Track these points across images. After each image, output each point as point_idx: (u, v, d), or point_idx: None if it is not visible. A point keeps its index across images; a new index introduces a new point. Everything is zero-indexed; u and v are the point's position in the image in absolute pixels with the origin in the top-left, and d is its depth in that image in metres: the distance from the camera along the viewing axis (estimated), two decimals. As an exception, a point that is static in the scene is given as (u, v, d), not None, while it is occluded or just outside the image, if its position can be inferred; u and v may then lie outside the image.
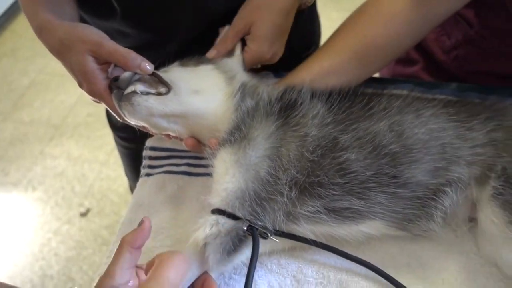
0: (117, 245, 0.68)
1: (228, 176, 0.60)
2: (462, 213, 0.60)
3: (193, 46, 0.77)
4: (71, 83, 0.72)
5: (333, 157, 0.59)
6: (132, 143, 1.04)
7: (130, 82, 0.66)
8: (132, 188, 1.23)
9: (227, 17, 0.78)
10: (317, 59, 0.73)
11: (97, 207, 2.01)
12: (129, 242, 0.55)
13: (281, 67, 0.80)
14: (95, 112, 2.40)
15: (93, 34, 0.66)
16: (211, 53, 0.74)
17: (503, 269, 0.55)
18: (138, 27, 0.82)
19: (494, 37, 0.83)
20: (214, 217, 0.58)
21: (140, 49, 0.69)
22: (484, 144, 0.58)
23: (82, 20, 0.81)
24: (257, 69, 0.83)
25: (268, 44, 0.74)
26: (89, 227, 1.94)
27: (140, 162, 0.83)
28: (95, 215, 1.98)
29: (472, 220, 0.60)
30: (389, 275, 0.57)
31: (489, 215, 0.55)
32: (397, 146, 0.58)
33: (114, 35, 0.82)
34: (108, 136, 2.13)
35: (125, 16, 0.78)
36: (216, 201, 0.59)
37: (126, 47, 0.67)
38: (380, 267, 0.58)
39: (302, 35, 0.96)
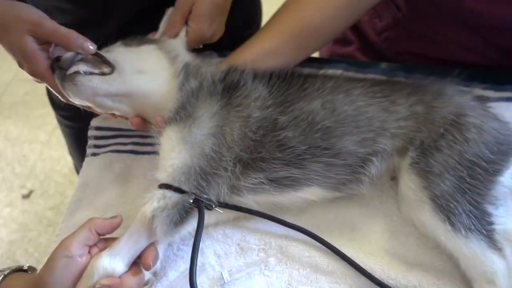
0: (66, 224, 0.70)
1: (174, 153, 0.63)
2: (386, 176, 0.67)
3: (132, 27, 0.78)
4: (6, 60, 0.71)
5: (273, 135, 0.64)
6: (75, 122, 1.03)
7: (72, 62, 0.67)
8: (77, 167, 1.22)
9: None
10: (258, 40, 0.76)
11: (41, 189, 1.96)
12: (95, 224, 0.58)
13: (223, 46, 0.83)
14: (33, 90, 2.30)
15: (32, 13, 0.66)
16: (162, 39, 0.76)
17: (419, 228, 0.63)
18: (75, 2, 0.81)
19: (419, 21, 0.90)
20: (161, 191, 0.61)
21: (80, 27, 0.69)
22: (407, 117, 0.65)
23: None
24: (201, 49, 0.85)
25: (208, 23, 0.76)
26: (33, 209, 1.89)
27: (85, 141, 0.84)
28: (39, 196, 1.94)
29: (393, 178, 0.67)
30: (321, 238, 0.63)
31: (407, 181, 0.62)
32: (329, 122, 0.64)
33: (52, 12, 0.81)
34: (48, 116, 2.06)
35: None
36: (163, 176, 0.63)
37: (65, 24, 0.67)
38: (316, 232, 0.64)
39: (243, 15, 0.99)
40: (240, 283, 0.62)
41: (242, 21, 1.00)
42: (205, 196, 0.62)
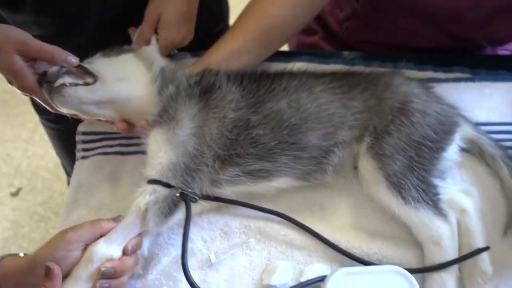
0: (63, 224, 0.77)
1: (161, 153, 0.70)
2: (347, 164, 0.76)
3: (106, 37, 0.83)
4: None
5: (246, 134, 0.71)
6: (60, 124, 1.08)
7: (58, 75, 0.73)
8: (64, 166, 1.28)
9: (132, 9, 0.85)
10: (227, 41, 0.83)
11: (29, 185, 2.00)
12: (100, 228, 0.65)
13: (195, 45, 0.89)
14: (11, 88, 2.30)
15: (18, 34, 0.72)
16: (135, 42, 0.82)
17: (378, 203, 0.72)
18: (53, 15, 0.86)
19: (375, 11, 0.98)
20: (151, 186, 0.68)
21: (56, 38, 0.75)
22: (362, 111, 0.73)
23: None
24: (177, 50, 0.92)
25: (176, 29, 0.82)
26: (23, 206, 1.94)
27: (70, 142, 0.89)
28: (28, 193, 1.98)
29: (356, 167, 0.76)
30: (293, 218, 0.71)
31: (365, 164, 0.71)
32: (295, 119, 0.72)
33: (30, 26, 0.86)
34: (29, 113, 2.08)
35: (35, 5, 0.82)
36: (153, 173, 0.70)
37: (42, 36, 0.73)
38: (289, 214, 0.73)
39: (210, 13, 1.04)
40: (226, 263, 0.71)
41: (210, 19, 1.06)
42: (190, 190, 0.70)
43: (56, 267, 0.61)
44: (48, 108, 0.78)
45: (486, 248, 0.65)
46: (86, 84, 0.73)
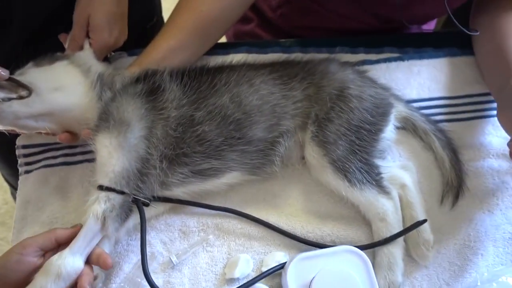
0: (14, 242, 0.75)
1: (113, 160, 0.68)
2: (295, 154, 0.78)
3: (34, 45, 0.79)
4: None
5: (192, 131, 0.72)
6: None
7: None
8: (4, 177, 1.22)
9: (60, 15, 0.81)
10: (164, 38, 0.81)
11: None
12: (58, 234, 0.65)
13: (130, 43, 0.87)
14: None
15: None
16: (68, 47, 0.78)
17: (327, 186, 0.76)
18: None
19: None
20: (104, 193, 0.67)
21: None
22: (302, 100, 0.76)
23: None
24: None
25: (107, 31, 0.80)
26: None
27: (9, 154, 0.85)
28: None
29: (303, 156, 0.79)
30: (244, 212, 0.74)
31: (311, 152, 0.74)
32: (239, 114, 0.73)
33: None
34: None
35: None
36: (105, 181, 0.67)
37: None
38: (244, 205, 0.76)
39: (143, 8, 1.02)
40: (188, 262, 0.72)
41: (143, 14, 1.03)
42: (142, 195, 0.70)
43: None
44: None
45: (424, 221, 0.71)
46: (20, 97, 0.70)
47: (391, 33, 1.02)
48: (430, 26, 1.10)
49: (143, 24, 1.03)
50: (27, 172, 0.83)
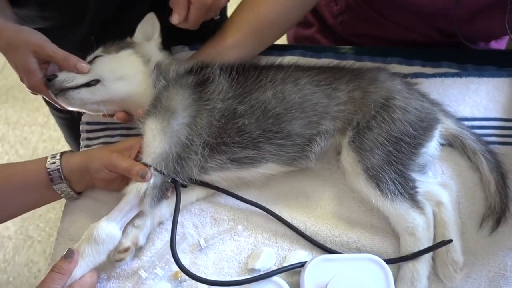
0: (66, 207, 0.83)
1: (156, 142, 0.74)
2: (331, 154, 0.79)
3: (105, 27, 0.86)
4: None
5: (233, 123, 0.75)
6: (67, 113, 1.14)
7: (64, 80, 0.78)
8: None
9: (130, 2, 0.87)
10: (221, 36, 0.86)
11: (44, 168, 2.09)
12: (64, 270, 0.67)
13: (194, 38, 0.93)
14: (27, 74, 2.38)
15: (36, 38, 0.78)
16: (174, 18, 0.81)
17: (359, 193, 0.76)
18: (57, 9, 0.91)
19: (368, 6, 1.00)
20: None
21: (59, 29, 0.80)
22: (345, 102, 0.77)
23: None
24: (173, 44, 0.96)
25: None
26: (39, 188, 2.03)
27: (78, 129, 0.95)
28: (43, 175, 2.06)
29: (339, 154, 0.78)
30: (274, 212, 0.76)
31: (346, 157, 0.75)
32: (280, 109, 0.75)
33: (35, 20, 0.91)
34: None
35: (37, 0, 0.87)
36: (148, 160, 0.74)
37: (46, 29, 0.78)
38: (276, 202, 0.78)
39: None
40: (215, 247, 0.76)
41: None
42: (181, 177, 0.75)
43: (76, 255, 0.68)
44: (56, 105, 0.84)
45: (449, 241, 0.69)
46: (88, 85, 0.78)
47: (452, 48, 0.98)
48: (500, 44, 1.05)
49: (207, 21, 1.09)
50: (87, 146, 0.91)
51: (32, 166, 0.76)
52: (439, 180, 0.78)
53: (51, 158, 0.76)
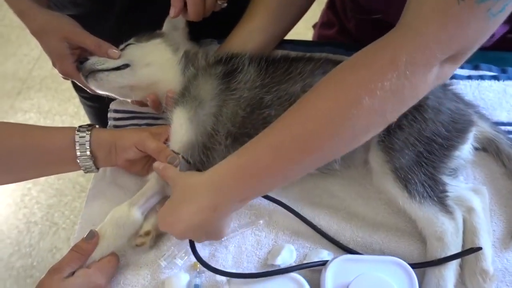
0: (91, 191, 0.84)
1: (183, 131, 0.75)
2: (359, 156, 0.77)
3: (133, 16, 0.87)
4: (33, 37, 0.83)
5: (258, 113, 0.74)
6: (95, 102, 1.16)
7: (95, 63, 0.79)
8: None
9: None
10: (243, 22, 0.86)
11: (73, 157, 2.13)
12: (84, 250, 0.68)
13: (219, 32, 0.93)
14: (60, 65, 2.44)
15: (69, 24, 0.80)
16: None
17: (386, 194, 0.74)
18: None
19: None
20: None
21: (88, 16, 0.83)
22: None
23: None
24: (203, 37, 0.95)
25: None
26: (67, 176, 2.07)
27: (105, 119, 0.97)
28: (71, 164, 2.11)
29: (367, 162, 0.77)
30: (297, 212, 0.74)
31: (374, 156, 0.72)
32: None
33: (67, 5, 0.93)
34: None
35: None
36: (175, 148, 0.74)
37: (77, 16, 0.80)
38: (300, 200, 0.77)
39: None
40: (235, 241, 0.75)
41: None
42: (206, 167, 0.74)
43: (97, 237, 0.69)
44: (86, 89, 0.85)
45: (478, 248, 0.66)
46: (118, 69, 0.79)
47: (491, 50, 0.94)
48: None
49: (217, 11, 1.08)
50: (114, 134, 0.92)
51: (59, 135, 0.76)
52: (471, 186, 0.75)
53: (80, 131, 0.75)
